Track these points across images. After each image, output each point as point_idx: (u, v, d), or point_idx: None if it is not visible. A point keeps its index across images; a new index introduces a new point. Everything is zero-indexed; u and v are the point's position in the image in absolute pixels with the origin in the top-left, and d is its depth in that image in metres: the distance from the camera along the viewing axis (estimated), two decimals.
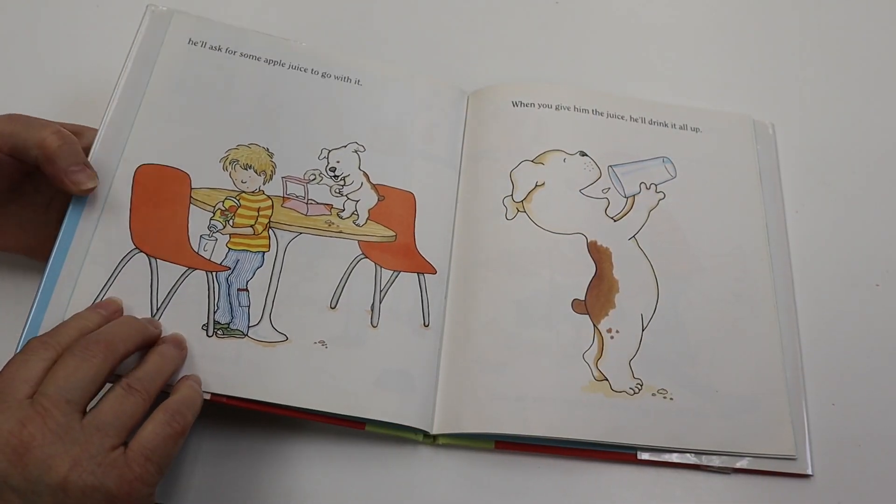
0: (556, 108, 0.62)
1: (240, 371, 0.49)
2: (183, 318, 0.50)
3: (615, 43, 0.72)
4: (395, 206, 0.57)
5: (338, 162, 0.57)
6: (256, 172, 0.55)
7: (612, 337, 0.54)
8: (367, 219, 0.56)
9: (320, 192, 0.56)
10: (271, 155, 0.56)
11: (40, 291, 0.48)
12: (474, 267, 0.56)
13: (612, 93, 0.65)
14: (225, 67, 0.59)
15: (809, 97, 0.70)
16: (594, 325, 0.54)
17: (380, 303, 0.53)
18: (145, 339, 0.47)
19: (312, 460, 0.51)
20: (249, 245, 0.53)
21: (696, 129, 0.63)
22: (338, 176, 0.57)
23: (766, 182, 0.62)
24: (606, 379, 0.53)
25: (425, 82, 0.62)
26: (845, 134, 0.68)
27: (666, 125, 0.63)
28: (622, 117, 0.63)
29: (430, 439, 0.52)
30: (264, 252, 0.53)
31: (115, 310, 0.48)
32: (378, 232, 0.55)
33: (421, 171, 0.59)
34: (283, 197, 0.55)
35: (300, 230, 0.54)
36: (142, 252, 0.51)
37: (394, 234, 0.56)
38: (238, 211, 0.54)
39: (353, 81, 0.61)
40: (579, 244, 0.57)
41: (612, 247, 0.57)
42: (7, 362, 0.43)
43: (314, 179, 0.56)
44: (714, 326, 0.55)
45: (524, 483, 0.51)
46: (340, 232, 0.55)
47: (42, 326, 0.47)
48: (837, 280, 0.60)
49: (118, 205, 0.52)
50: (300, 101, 0.59)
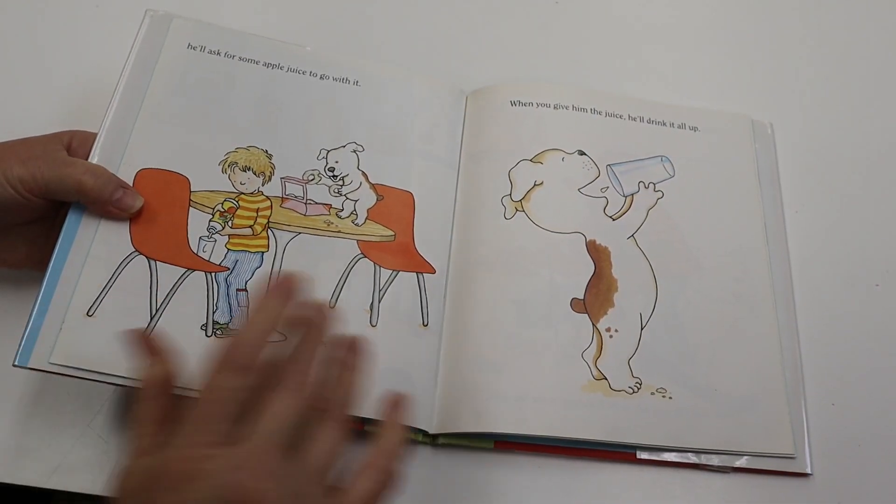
0: (555, 108, 0.62)
1: None
2: (182, 319, 0.50)
3: (615, 43, 0.72)
4: (394, 206, 0.57)
5: (336, 162, 0.57)
6: (255, 174, 0.56)
7: (611, 336, 0.54)
8: (366, 218, 0.56)
9: (319, 193, 0.56)
10: (270, 156, 0.57)
11: (41, 294, 0.48)
12: (473, 266, 0.56)
13: (611, 92, 0.65)
14: (224, 71, 0.59)
15: (808, 97, 0.70)
16: (593, 325, 0.54)
17: (379, 302, 0.53)
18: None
19: None
20: (248, 245, 0.53)
21: (695, 129, 0.63)
22: (336, 176, 0.57)
23: (765, 182, 0.62)
24: (605, 378, 0.53)
25: (424, 82, 0.63)
26: (844, 133, 0.68)
27: (664, 124, 0.63)
28: (620, 116, 0.63)
29: (430, 439, 0.52)
30: (263, 252, 0.53)
31: (292, 291, 0.42)
32: (377, 231, 0.56)
33: (420, 171, 0.59)
34: (282, 197, 0.55)
35: (299, 230, 0.54)
36: (141, 254, 0.51)
37: (393, 234, 0.56)
38: (237, 212, 0.54)
39: (352, 82, 0.61)
40: (578, 243, 0.57)
41: (611, 246, 0.57)
42: (202, 394, 0.39)
43: (313, 180, 0.57)
44: (713, 326, 0.55)
45: (524, 483, 0.51)
46: (339, 232, 0.55)
47: (42, 329, 0.47)
48: (837, 280, 0.60)
49: None
50: (299, 103, 0.59)
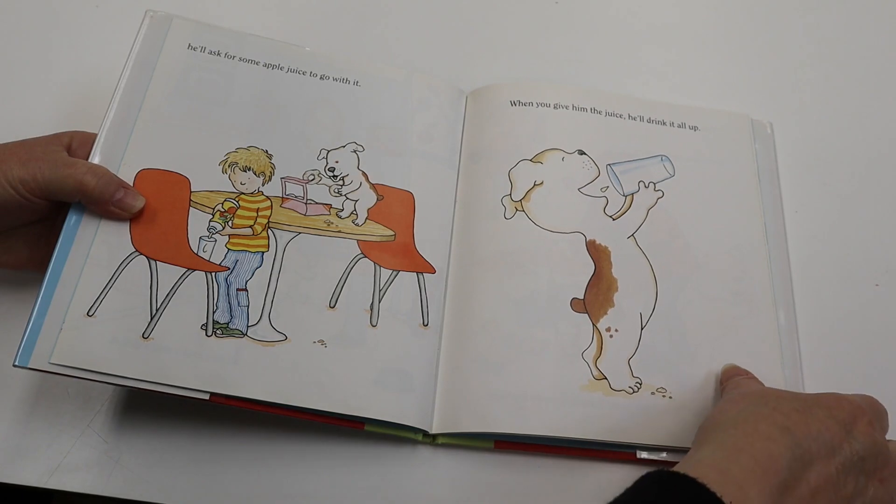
0: (555, 107, 0.62)
1: (239, 371, 0.49)
2: (182, 319, 0.50)
3: (614, 43, 0.72)
4: (394, 206, 0.57)
5: (336, 162, 0.57)
6: (255, 174, 0.56)
7: (611, 336, 0.54)
8: (366, 218, 0.56)
9: (319, 193, 0.56)
10: (270, 156, 0.57)
11: (41, 295, 0.48)
12: (473, 266, 0.56)
13: (611, 92, 0.65)
14: (224, 72, 0.59)
15: (808, 96, 0.70)
16: (593, 324, 0.54)
17: (379, 302, 0.53)
18: None
19: (312, 460, 0.51)
20: (248, 245, 0.53)
21: (695, 128, 0.63)
22: (337, 176, 0.57)
23: (765, 181, 0.62)
24: (605, 378, 0.53)
25: (424, 82, 0.63)
26: (844, 133, 0.67)
27: (664, 124, 0.63)
28: (620, 116, 0.63)
29: (430, 439, 0.52)
30: (263, 252, 0.53)
31: None
32: (377, 231, 0.56)
33: (420, 171, 0.59)
34: (282, 197, 0.55)
35: (299, 230, 0.54)
36: (141, 254, 0.51)
37: (393, 234, 0.56)
38: (237, 212, 0.54)
39: (352, 82, 0.61)
40: (578, 243, 0.57)
41: (611, 245, 0.57)
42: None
43: (313, 180, 0.57)
44: (713, 325, 0.55)
45: (524, 483, 0.51)
46: (339, 231, 0.55)
47: (42, 329, 0.47)
48: (837, 280, 0.60)
49: None
50: (299, 104, 0.59)
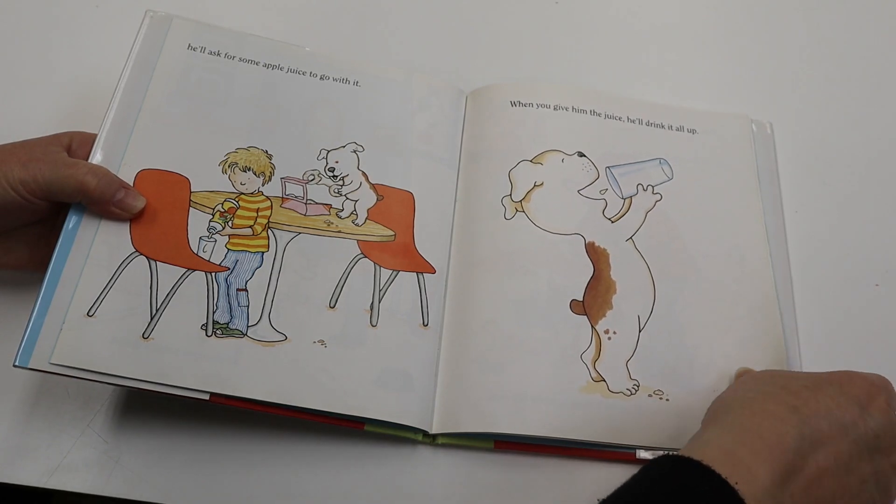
0: (555, 109, 0.62)
1: (239, 371, 0.49)
2: (182, 319, 0.50)
3: (614, 43, 0.72)
4: (394, 206, 0.57)
5: (336, 162, 0.57)
6: (255, 174, 0.56)
7: (610, 338, 0.54)
8: (366, 218, 0.56)
9: (319, 193, 0.56)
10: (270, 157, 0.57)
11: (41, 295, 0.48)
12: (473, 266, 0.56)
13: (610, 93, 0.65)
14: (224, 72, 0.59)
15: (808, 97, 0.70)
16: (592, 326, 0.54)
17: (379, 302, 0.53)
18: None
19: (312, 460, 0.51)
20: (248, 245, 0.53)
21: (693, 131, 0.63)
22: (336, 176, 0.57)
23: (765, 182, 0.62)
24: (604, 380, 0.53)
25: (424, 82, 0.63)
26: (844, 134, 0.67)
27: (663, 126, 0.63)
28: (620, 118, 0.63)
29: (430, 439, 0.52)
30: (263, 252, 0.53)
31: None
32: (377, 231, 0.56)
33: (420, 171, 0.59)
34: (282, 197, 0.55)
35: (299, 230, 0.54)
36: (141, 255, 0.51)
37: (393, 234, 0.56)
38: (237, 212, 0.54)
39: (352, 83, 0.61)
40: (577, 245, 0.57)
41: (610, 248, 0.57)
42: None
43: (313, 180, 0.57)
44: (711, 327, 0.55)
45: (523, 483, 0.51)
46: (339, 232, 0.55)
47: (43, 329, 0.47)
48: (836, 279, 0.60)
49: None
50: (299, 104, 0.59)
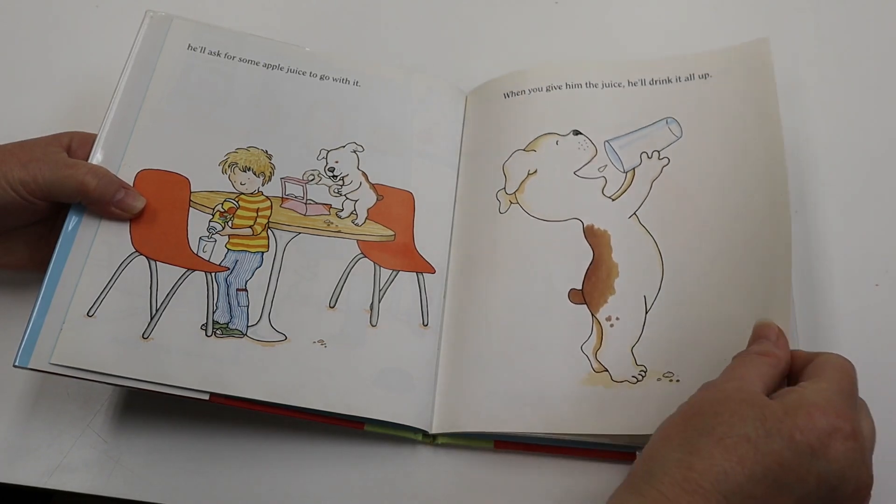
0: (547, 90, 0.60)
1: (239, 371, 0.49)
2: (182, 319, 0.50)
3: (615, 43, 0.72)
4: (394, 206, 0.57)
5: (336, 162, 0.57)
6: (255, 174, 0.56)
7: (612, 325, 0.52)
8: (366, 218, 0.56)
9: (319, 193, 0.56)
10: (270, 157, 0.57)
11: (41, 295, 0.48)
12: (471, 265, 0.56)
13: (606, 60, 0.62)
14: (224, 72, 0.59)
15: (808, 96, 0.70)
16: (592, 315, 0.53)
17: (379, 302, 0.53)
18: None
19: (312, 460, 0.51)
20: (248, 245, 0.53)
21: (706, 76, 0.59)
22: (336, 176, 0.57)
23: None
24: (606, 370, 0.51)
25: (423, 82, 0.63)
26: (844, 134, 0.67)
27: (669, 81, 0.59)
28: (619, 85, 0.60)
29: (430, 439, 0.51)
30: (263, 252, 0.53)
31: None
32: (377, 231, 0.56)
33: (420, 171, 0.59)
34: (282, 197, 0.55)
35: (299, 230, 0.54)
36: (141, 255, 0.51)
37: (393, 234, 0.56)
38: (237, 212, 0.54)
39: (352, 82, 0.61)
40: (575, 230, 0.55)
41: (611, 228, 0.55)
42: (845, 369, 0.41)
43: (313, 180, 0.57)
44: (723, 296, 0.51)
45: (524, 483, 0.51)
46: (339, 232, 0.55)
47: (43, 329, 0.47)
48: (837, 280, 0.60)
49: None
50: (299, 104, 0.59)
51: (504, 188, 0.58)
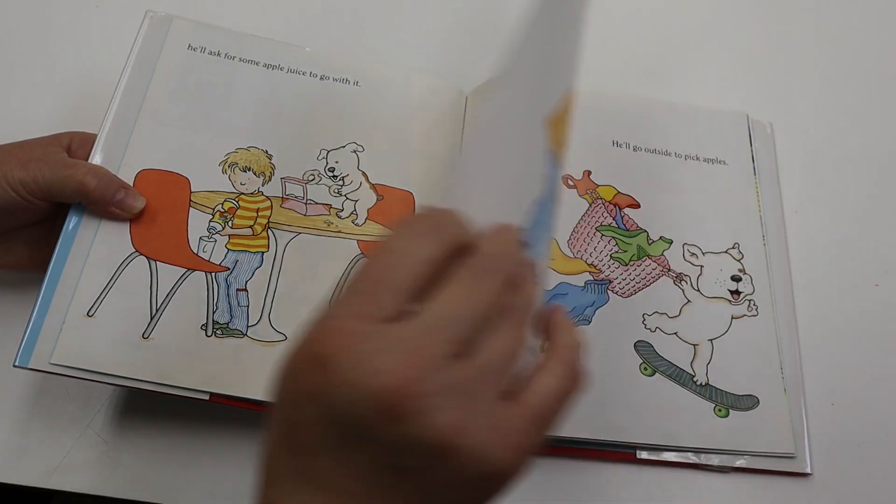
0: None
1: (239, 371, 0.49)
2: (182, 319, 0.50)
3: (614, 44, 0.72)
4: (395, 206, 0.57)
5: (336, 162, 0.57)
6: (255, 174, 0.56)
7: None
8: (367, 218, 0.56)
9: (319, 193, 0.56)
10: (270, 157, 0.57)
11: (41, 295, 0.48)
12: None
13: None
14: (224, 72, 0.59)
15: (808, 97, 0.70)
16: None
17: None
18: None
19: None
20: (248, 245, 0.53)
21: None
22: (336, 176, 0.57)
23: (765, 181, 0.62)
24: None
25: (424, 82, 0.63)
26: (844, 134, 0.67)
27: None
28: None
29: None
30: (263, 252, 0.53)
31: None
32: (377, 231, 0.56)
33: (420, 171, 0.59)
34: (282, 197, 0.55)
35: (299, 230, 0.54)
36: (142, 255, 0.51)
37: None
38: (237, 212, 0.54)
39: (352, 82, 0.61)
40: None
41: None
42: (382, 254, 0.32)
43: (313, 180, 0.57)
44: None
45: (524, 483, 0.51)
46: (339, 232, 0.55)
47: (43, 330, 0.47)
48: (836, 279, 0.60)
49: None
50: (299, 104, 0.59)
51: None
